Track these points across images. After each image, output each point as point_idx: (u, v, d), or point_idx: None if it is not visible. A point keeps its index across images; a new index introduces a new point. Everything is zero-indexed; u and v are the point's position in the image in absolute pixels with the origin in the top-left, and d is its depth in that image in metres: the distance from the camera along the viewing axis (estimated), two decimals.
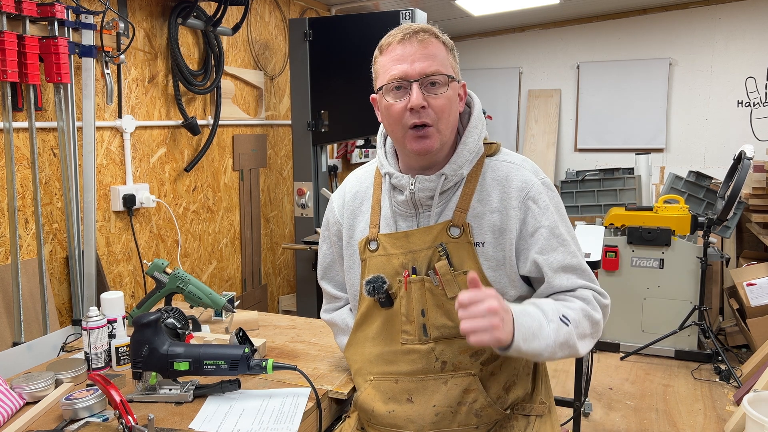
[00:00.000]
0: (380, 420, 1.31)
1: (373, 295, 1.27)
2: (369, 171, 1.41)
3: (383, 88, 1.23)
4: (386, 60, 1.22)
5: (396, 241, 1.28)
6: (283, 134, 3.77)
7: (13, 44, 1.91)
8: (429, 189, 1.25)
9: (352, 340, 1.39)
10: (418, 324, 1.26)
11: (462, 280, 1.23)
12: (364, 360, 1.36)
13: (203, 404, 1.39)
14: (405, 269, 1.26)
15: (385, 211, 1.32)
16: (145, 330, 1.39)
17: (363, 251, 1.33)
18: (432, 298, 1.25)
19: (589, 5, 4.77)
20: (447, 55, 1.23)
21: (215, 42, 2.99)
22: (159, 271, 1.95)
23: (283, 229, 3.85)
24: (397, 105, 1.21)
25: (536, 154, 5.30)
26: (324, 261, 1.49)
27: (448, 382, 1.26)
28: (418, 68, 1.19)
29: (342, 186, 1.45)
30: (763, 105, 4.73)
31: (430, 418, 1.26)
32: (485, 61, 5.58)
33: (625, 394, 3.16)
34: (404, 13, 3.00)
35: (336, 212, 1.42)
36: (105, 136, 2.47)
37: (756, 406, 2.10)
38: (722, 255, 3.58)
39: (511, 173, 1.27)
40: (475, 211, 1.25)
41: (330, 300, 1.52)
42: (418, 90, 1.18)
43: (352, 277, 1.38)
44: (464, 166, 1.26)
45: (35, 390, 1.43)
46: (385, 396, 1.30)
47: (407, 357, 1.28)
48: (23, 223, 2.13)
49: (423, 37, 1.20)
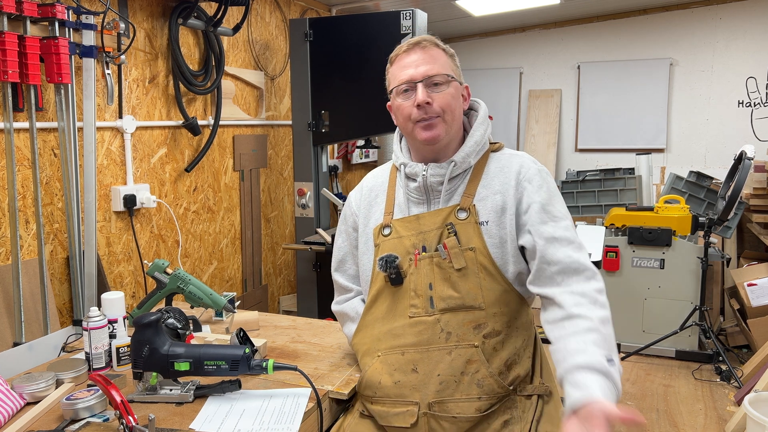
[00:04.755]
0: (386, 391, 1.36)
1: (385, 269, 1.38)
2: (385, 169, 1.57)
3: (394, 91, 1.42)
4: (395, 69, 1.43)
5: (408, 224, 1.42)
6: (283, 134, 3.77)
7: (14, 45, 1.91)
8: (440, 175, 1.39)
9: (362, 324, 1.47)
10: (425, 297, 1.36)
11: (468, 256, 1.35)
12: (373, 339, 1.43)
13: (204, 404, 1.40)
14: (416, 248, 1.39)
15: (399, 200, 1.46)
16: (145, 330, 1.39)
17: (377, 236, 1.45)
18: (440, 271, 1.36)
19: (590, 5, 4.77)
20: (447, 59, 1.42)
21: (216, 42, 2.99)
22: (159, 271, 1.95)
23: (284, 230, 3.85)
24: (406, 104, 1.39)
25: (537, 154, 5.29)
26: (338, 254, 1.60)
27: (452, 352, 1.33)
28: (421, 71, 1.38)
29: (360, 183, 1.60)
30: (763, 105, 4.72)
31: (435, 387, 1.32)
32: (486, 62, 5.58)
33: (626, 395, 3.16)
34: (405, 14, 3.00)
35: (353, 205, 1.56)
36: (105, 137, 2.47)
37: (757, 407, 2.10)
38: (723, 255, 3.57)
39: (511, 161, 1.43)
40: (480, 195, 1.39)
41: (341, 292, 1.60)
42: (422, 89, 1.37)
43: (365, 262, 1.48)
44: (471, 156, 1.41)
45: (36, 390, 1.43)
46: (391, 368, 1.37)
47: (414, 329, 1.36)
48: (24, 223, 2.13)
49: (425, 45, 1.40)
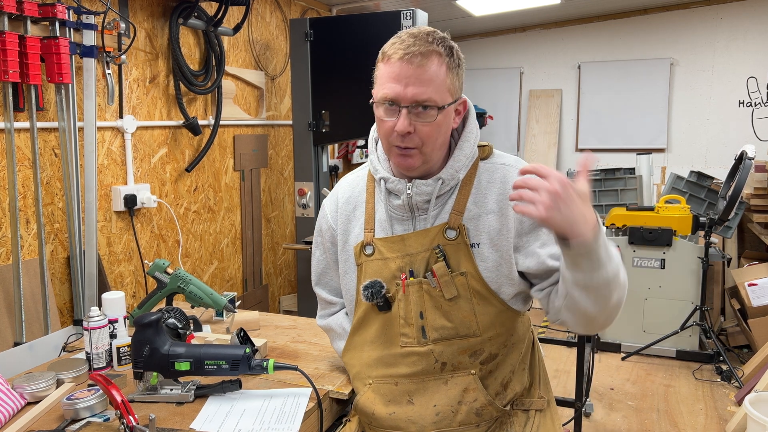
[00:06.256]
0: (381, 422, 1.31)
1: (372, 300, 1.27)
2: (361, 176, 1.41)
3: (378, 99, 1.22)
4: (384, 73, 1.20)
5: (392, 245, 1.29)
6: (284, 134, 3.77)
7: (15, 44, 1.91)
8: (426, 193, 1.25)
9: (350, 344, 1.39)
10: (416, 326, 1.27)
11: (459, 281, 1.24)
12: (363, 364, 1.36)
13: (204, 404, 1.39)
14: (402, 272, 1.27)
15: (380, 216, 1.32)
16: (146, 330, 1.39)
17: (358, 256, 1.32)
18: (430, 299, 1.26)
19: (590, 5, 4.77)
20: (446, 77, 1.19)
21: (216, 42, 2.99)
22: (160, 271, 1.95)
23: (284, 230, 3.85)
24: (388, 123, 1.21)
25: (537, 155, 5.30)
26: (318, 267, 1.49)
27: (448, 382, 1.27)
28: (410, 93, 1.16)
29: (333, 192, 1.44)
30: (764, 105, 4.72)
31: (431, 418, 1.27)
32: (486, 62, 5.57)
33: (627, 395, 3.16)
34: (405, 14, 3.00)
35: (329, 218, 1.41)
36: (106, 137, 2.47)
37: (757, 407, 2.10)
38: (723, 255, 3.57)
39: (507, 175, 1.28)
40: (470, 213, 1.26)
41: (325, 306, 1.51)
42: (405, 116, 1.17)
43: (347, 282, 1.37)
44: (461, 171, 1.27)
45: (36, 390, 1.43)
46: (385, 399, 1.31)
47: (407, 360, 1.28)
48: (24, 223, 2.13)
49: (422, 62, 1.16)
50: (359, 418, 1.40)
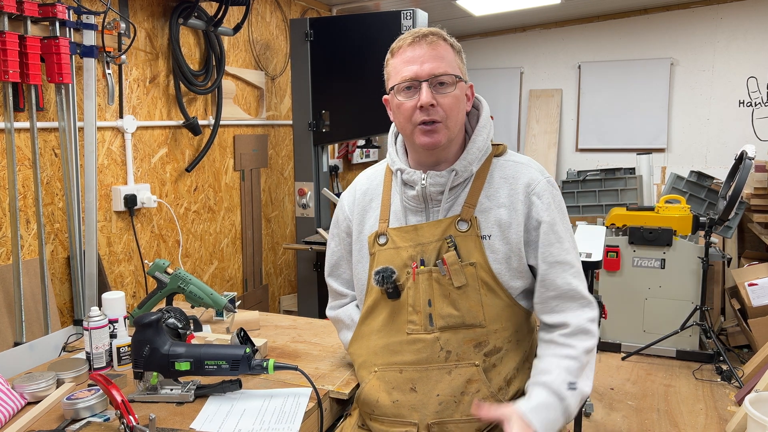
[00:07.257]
0: (384, 410, 1.33)
1: (382, 284, 1.31)
2: (379, 170, 1.47)
3: (395, 87, 1.29)
4: (397, 62, 1.29)
5: (405, 234, 1.33)
6: (284, 134, 3.77)
7: (15, 44, 1.91)
8: (440, 184, 1.30)
9: (357, 334, 1.42)
10: (424, 314, 1.30)
11: (469, 271, 1.28)
12: (369, 352, 1.38)
13: (204, 404, 1.40)
14: (413, 261, 1.31)
15: (395, 207, 1.37)
16: (146, 330, 1.39)
17: (372, 245, 1.37)
18: (439, 288, 1.29)
19: (590, 5, 4.77)
20: (455, 57, 1.30)
21: (216, 42, 2.99)
22: (160, 271, 1.95)
23: (284, 230, 3.85)
24: (408, 103, 1.27)
25: (537, 154, 5.29)
26: (332, 258, 1.53)
27: (452, 372, 1.29)
28: (427, 69, 1.25)
29: (353, 185, 1.50)
30: (764, 105, 4.72)
31: (434, 407, 1.29)
32: (486, 61, 5.57)
33: (627, 395, 3.16)
34: (405, 14, 3.00)
35: (346, 209, 1.47)
36: (106, 137, 2.47)
37: (757, 407, 2.10)
38: (724, 255, 3.57)
39: (519, 171, 1.33)
40: (482, 206, 1.31)
41: (336, 297, 1.55)
42: (427, 89, 1.25)
43: (360, 271, 1.42)
44: (474, 163, 1.32)
45: (36, 390, 1.43)
46: (389, 386, 1.33)
47: (412, 347, 1.31)
48: (24, 223, 2.14)
49: (432, 39, 1.27)
50: (360, 411, 1.41)
